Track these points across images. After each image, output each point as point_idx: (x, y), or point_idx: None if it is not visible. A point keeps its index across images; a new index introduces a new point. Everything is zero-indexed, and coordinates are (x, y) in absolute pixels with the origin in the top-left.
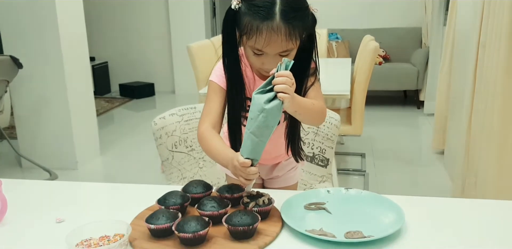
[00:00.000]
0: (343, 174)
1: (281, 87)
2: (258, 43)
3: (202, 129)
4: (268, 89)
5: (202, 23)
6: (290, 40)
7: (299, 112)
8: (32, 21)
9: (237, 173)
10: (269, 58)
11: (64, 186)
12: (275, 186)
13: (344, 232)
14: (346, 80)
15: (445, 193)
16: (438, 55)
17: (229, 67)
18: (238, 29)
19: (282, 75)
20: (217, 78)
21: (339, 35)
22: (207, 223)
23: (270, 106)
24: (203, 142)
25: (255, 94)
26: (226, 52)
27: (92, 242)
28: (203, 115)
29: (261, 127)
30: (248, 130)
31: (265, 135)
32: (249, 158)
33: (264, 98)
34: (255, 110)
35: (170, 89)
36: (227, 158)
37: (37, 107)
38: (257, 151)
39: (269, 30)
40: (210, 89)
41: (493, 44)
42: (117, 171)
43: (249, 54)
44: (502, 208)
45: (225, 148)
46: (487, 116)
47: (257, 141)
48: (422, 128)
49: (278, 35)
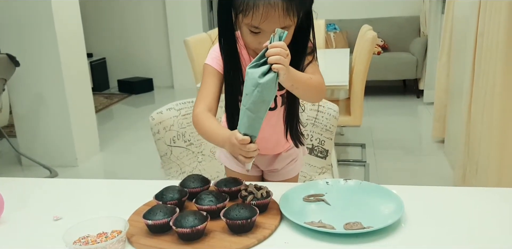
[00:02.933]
0: (343, 165)
1: (275, 58)
2: (254, 19)
3: (197, 111)
4: (262, 63)
5: (199, 16)
6: (288, 16)
7: (296, 86)
8: (28, 19)
9: (235, 151)
10: (267, 37)
11: (60, 184)
12: (276, 178)
13: (343, 223)
14: (345, 70)
15: (446, 182)
16: (436, 44)
17: (226, 50)
18: (234, 8)
19: (276, 46)
20: (212, 61)
21: (337, 25)
22: (205, 217)
23: (265, 80)
24: (198, 123)
25: (248, 69)
26: (222, 35)
27: (90, 239)
28: (198, 98)
29: (257, 102)
30: (243, 106)
31: (262, 110)
32: (247, 134)
33: (258, 72)
34: (249, 86)
35: (169, 84)
36: (224, 137)
37: (35, 105)
38: (255, 127)
39: (266, 5)
40: (205, 73)
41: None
42: (117, 167)
43: (245, 34)
44: (503, 196)
45: (220, 128)
46: (487, 105)
47: (254, 116)
48: (422, 117)
49: (276, 10)
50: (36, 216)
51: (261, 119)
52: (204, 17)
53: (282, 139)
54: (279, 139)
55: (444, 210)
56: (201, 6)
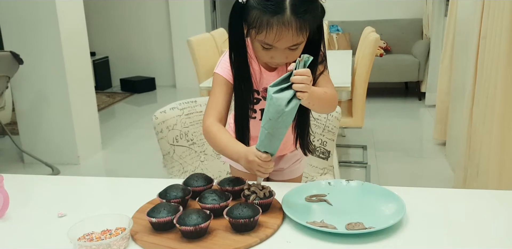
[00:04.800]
0: (344, 166)
1: (301, 86)
2: (268, 38)
3: (208, 123)
4: (285, 87)
5: (202, 16)
6: (301, 34)
7: (313, 104)
8: (32, 17)
9: (253, 167)
10: (279, 52)
11: (65, 181)
12: (280, 178)
13: (345, 223)
14: (347, 72)
15: (447, 184)
16: (439, 46)
17: (236, 62)
18: (245, 23)
19: (302, 74)
20: (223, 71)
21: (339, 27)
22: (208, 216)
23: (290, 108)
24: (209, 136)
25: (273, 94)
26: (233, 47)
27: (94, 236)
28: (208, 109)
29: (280, 127)
30: (265, 130)
31: (283, 133)
32: (266, 152)
33: (284, 100)
34: (274, 112)
35: (171, 84)
36: (239, 153)
37: (38, 103)
38: (275, 147)
39: (280, 25)
40: (215, 82)
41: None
42: (119, 166)
43: (257, 49)
44: (504, 199)
45: (235, 142)
46: (489, 107)
47: (275, 139)
48: (423, 119)
49: (289, 30)
50: (41, 212)
51: (281, 140)
52: (207, 17)
53: (288, 142)
54: (285, 143)
55: (445, 212)
56: (204, 6)
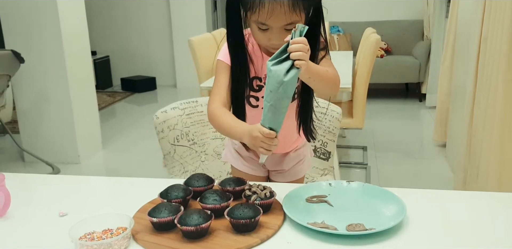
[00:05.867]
0: (345, 167)
1: (298, 54)
2: (261, 16)
3: (212, 107)
4: (283, 58)
5: (203, 16)
6: (294, 12)
7: (313, 79)
8: (33, 16)
9: (256, 144)
10: (275, 33)
11: (66, 180)
12: (281, 179)
13: (346, 224)
14: (348, 73)
15: (447, 186)
16: (440, 48)
17: (233, 47)
18: (242, 6)
19: (298, 42)
20: (225, 57)
21: (340, 28)
22: (209, 216)
23: (289, 77)
24: (214, 119)
25: (271, 66)
26: (230, 32)
27: (95, 236)
28: (213, 94)
29: (281, 98)
30: (268, 102)
31: (285, 105)
32: (271, 128)
33: (282, 70)
34: (274, 83)
35: (172, 83)
36: (243, 131)
37: (39, 102)
38: (279, 121)
39: (272, 1)
40: (218, 68)
41: (495, 37)
42: (119, 165)
43: (254, 31)
44: (504, 200)
45: (238, 122)
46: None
47: (278, 112)
48: (423, 120)
49: (281, 6)
50: (42, 211)
51: (284, 113)
52: (208, 17)
53: (291, 136)
54: (287, 137)
55: (445, 214)
56: (205, 6)
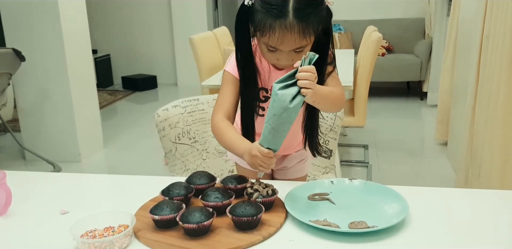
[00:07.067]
0: (346, 165)
1: (305, 83)
2: (271, 41)
3: (216, 120)
4: (290, 83)
5: (204, 15)
6: (304, 38)
7: (318, 102)
8: (34, 14)
9: (255, 162)
10: (284, 55)
11: (68, 178)
12: (284, 177)
13: (348, 222)
14: (349, 71)
15: (448, 184)
16: (441, 46)
17: (242, 62)
18: (251, 24)
19: (306, 70)
20: (232, 69)
21: (341, 26)
22: (211, 213)
23: (294, 104)
24: (217, 133)
25: (278, 90)
26: (238, 47)
27: (97, 233)
28: (217, 106)
29: (283, 123)
30: (269, 125)
31: (286, 129)
32: (269, 148)
33: (288, 96)
34: (278, 107)
35: (173, 82)
36: (244, 149)
37: (40, 100)
38: (278, 143)
39: (282, 28)
40: (224, 80)
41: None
42: (120, 163)
43: (263, 51)
44: (506, 198)
45: (241, 139)
46: (491, 108)
47: (278, 135)
48: (425, 119)
49: (292, 33)
50: (43, 209)
51: (284, 137)
52: (209, 15)
53: (293, 141)
54: (291, 141)
55: (448, 211)
56: (206, 4)
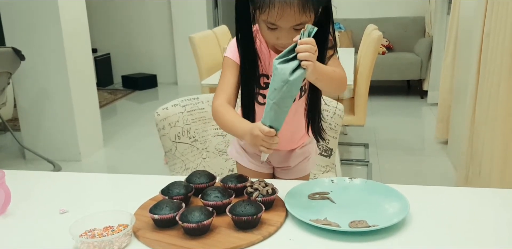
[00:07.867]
0: (346, 164)
1: (305, 55)
2: (270, 16)
3: (216, 104)
4: (291, 58)
5: (204, 13)
6: (304, 13)
7: (320, 79)
8: (34, 13)
9: (257, 142)
10: (284, 33)
11: (67, 177)
12: (286, 176)
13: (349, 221)
14: (350, 70)
15: (448, 183)
16: (441, 44)
17: (242, 44)
18: (251, 3)
19: (306, 43)
20: (232, 54)
21: (342, 25)
22: (211, 213)
23: (294, 77)
24: (217, 115)
25: (278, 65)
26: (239, 29)
27: (96, 233)
28: (218, 91)
29: (284, 97)
30: (271, 100)
31: (288, 104)
32: (272, 126)
33: (289, 69)
34: (278, 81)
35: (173, 81)
36: (245, 129)
37: (40, 99)
38: (280, 120)
39: (282, 2)
40: (224, 65)
41: (498, 33)
42: (120, 163)
43: (263, 29)
44: (507, 197)
45: (241, 120)
46: (491, 106)
47: (280, 110)
48: (425, 117)
49: (291, 7)
50: (42, 209)
51: (286, 113)
52: (209, 14)
53: (297, 133)
54: (294, 133)
55: (448, 210)
56: (206, 3)
